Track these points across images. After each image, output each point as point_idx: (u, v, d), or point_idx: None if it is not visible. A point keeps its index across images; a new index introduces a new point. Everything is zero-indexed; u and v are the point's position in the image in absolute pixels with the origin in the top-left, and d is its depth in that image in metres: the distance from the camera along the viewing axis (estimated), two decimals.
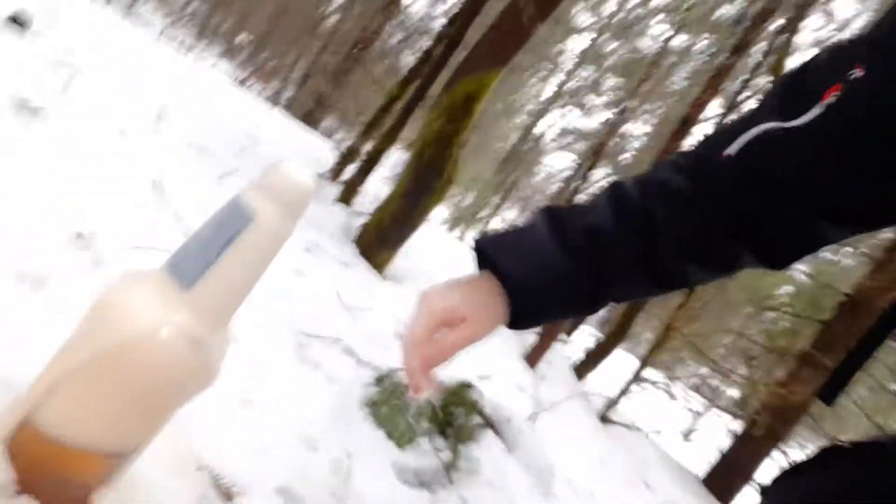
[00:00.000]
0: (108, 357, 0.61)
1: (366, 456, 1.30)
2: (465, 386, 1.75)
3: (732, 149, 0.68)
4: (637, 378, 4.26)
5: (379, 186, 4.38)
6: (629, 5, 12.06)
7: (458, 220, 8.18)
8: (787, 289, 7.95)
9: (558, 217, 0.69)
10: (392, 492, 1.28)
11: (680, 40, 10.67)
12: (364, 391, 1.55)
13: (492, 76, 2.59)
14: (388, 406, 1.56)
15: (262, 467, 1.03)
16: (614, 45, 12.68)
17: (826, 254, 7.60)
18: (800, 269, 7.16)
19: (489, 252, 0.70)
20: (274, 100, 10.87)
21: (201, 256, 0.62)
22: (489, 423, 1.80)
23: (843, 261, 8.03)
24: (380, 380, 1.62)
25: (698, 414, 9.94)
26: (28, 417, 0.65)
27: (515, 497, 1.60)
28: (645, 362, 4.34)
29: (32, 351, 0.80)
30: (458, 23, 3.07)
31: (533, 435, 1.89)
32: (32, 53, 1.73)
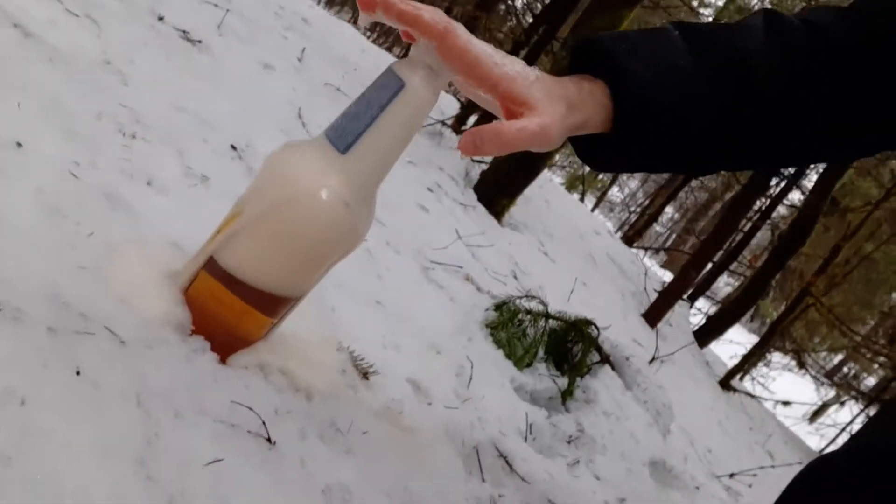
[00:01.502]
0: (275, 212, 0.68)
1: (486, 368, 1.35)
2: (586, 321, 1.75)
3: None
4: (765, 346, 4.02)
5: None
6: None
7: (576, 180, 8.02)
8: None
9: (693, 33, 0.62)
10: (510, 402, 1.32)
11: None
12: (484, 315, 1.60)
13: (624, 14, 2.49)
14: (507, 332, 1.59)
15: (393, 358, 1.10)
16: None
17: None
18: None
19: (604, 44, 0.61)
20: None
21: (356, 123, 0.67)
22: (607, 360, 1.79)
23: None
24: (498, 307, 1.66)
25: (828, 400, 9.25)
26: (202, 268, 0.74)
27: (634, 430, 1.59)
28: (774, 329, 4.09)
29: (200, 226, 0.90)
30: (555, 13, 2.97)
31: (653, 377, 1.86)
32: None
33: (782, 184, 4.57)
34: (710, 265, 4.59)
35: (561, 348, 1.70)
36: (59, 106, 0.97)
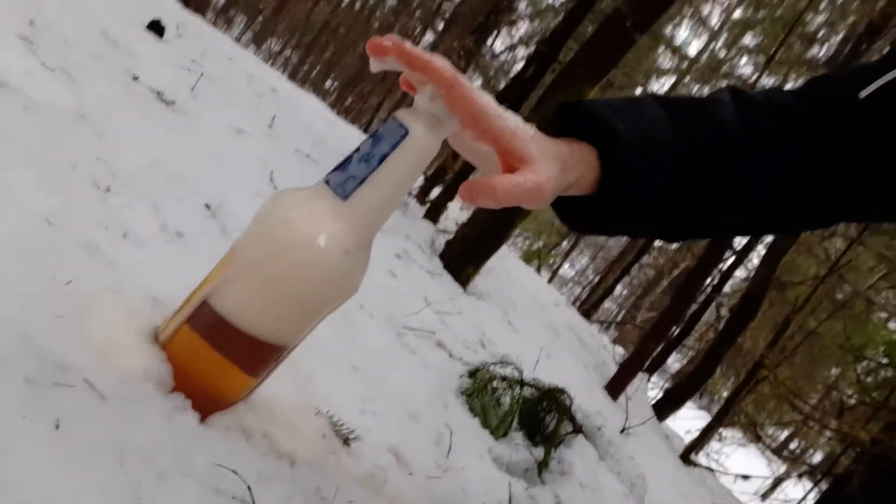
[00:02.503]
0: (273, 257, 0.66)
1: (464, 437, 1.30)
2: (559, 390, 1.73)
3: (866, 92, 0.66)
4: (722, 420, 4.05)
5: (457, 212, 4.46)
6: (717, 45, 11.84)
7: (532, 254, 8.17)
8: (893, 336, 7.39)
9: (670, 102, 0.65)
10: (490, 473, 1.27)
11: (768, 80, 10.33)
12: (458, 382, 1.56)
13: (587, 89, 2.62)
14: (481, 399, 1.56)
15: (372, 425, 1.05)
16: (696, 88, 12.43)
17: None
18: None
19: (590, 108, 0.63)
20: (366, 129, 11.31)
21: (358, 169, 0.66)
22: (580, 430, 1.76)
23: None
24: (472, 373, 1.62)
25: (781, 475, 9.30)
26: (184, 322, 0.70)
27: (610, 502, 1.55)
28: (732, 402, 4.13)
29: (178, 281, 0.86)
30: (556, 39, 3.13)
31: (625, 447, 1.83)
32: (166, 56, 1.90)
33: (731, 259, 4.77)
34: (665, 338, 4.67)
35: (534, 417, 1.67)
36: (34, 154, 0.94)
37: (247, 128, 2.04)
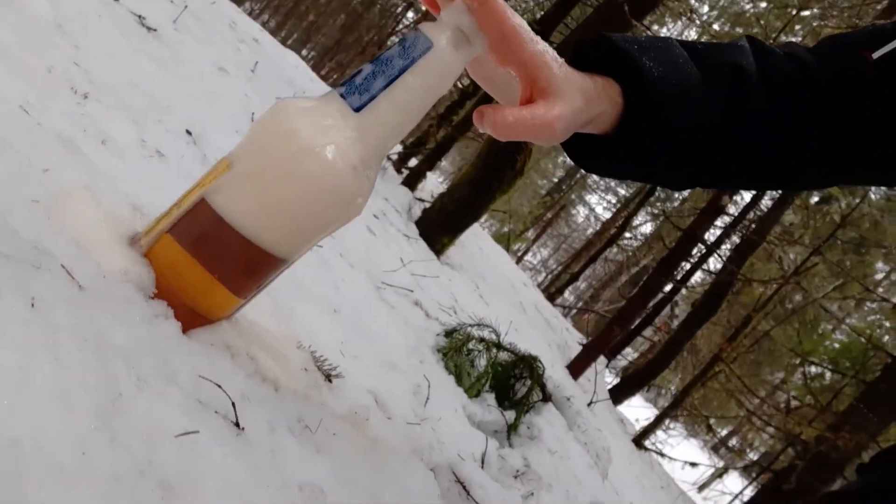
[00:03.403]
0: (276, 165, 0.61)
1: (440, 392, 1.28)
2: (532, 358, 1.71)
3: (879, 53, 0.65)
4: (676, 409, 4.14)
5: (435, 184, 4.41)
6: None
7: (502, 237, 8.19)
8: (834, 344, 7.69)
9: (692, 46, 0.63)
10: (465, 429, 1.24)
11: None
12: (435, 340, 1.53)
13: None
14: (456, 359, 1.53)
15: (352, 367, 1.01)
16: None
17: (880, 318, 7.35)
18: (849, 326, 6.93)
19: (616, 43, 0.61)
20: None
21: (374, 80, 0.61)
22: (549, 399, 1.75)
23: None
24: (449, 333, 1.60)
25: (725, 466, 9.62)
26: (166, 232, 0.65)
27: (576, 470, 1.55)
28: (687, 392, 4.22)
29: (158, 195, 0.81)
30: (546, 24, 3.10)
31: (592, 418, 1.83)
32: None
33: (699, 253, 4.85)
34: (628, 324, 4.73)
35: (506, 381, 1.65)
36: (8, 54, 0.86)
37: (229, 68, 1.96)
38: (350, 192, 0.63)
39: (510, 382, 1.67)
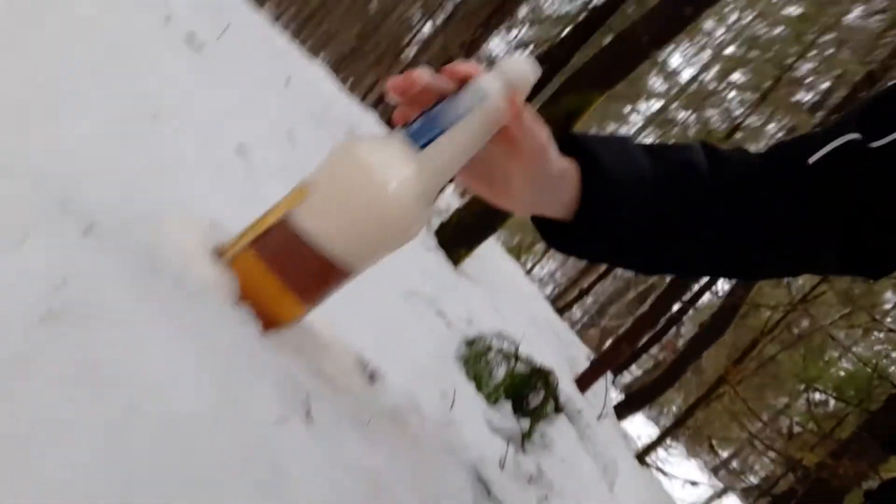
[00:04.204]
0: (348, 194, 0.69)
1: (462, 397, 1.36)
2: (547, 371, 1.80)
3: (815, 157, 0.72)
4: (679, 427, 4.19)
5: (451, 197, 4.51)
6: (707, 76, 11.99)
7: (515, 249, 8.26)
8: (840, 372, 7.70)
9: (647, 145, 0.71)
10: (485, 433, 1.33)
11: (754, 119, 10.47)
12: (457, 348, 1.62)
13: (595, 96, 2.69)
14: (477, 367, 1.62)
15: (390, 370, 1.10)
16: (684, 114, 12.59)
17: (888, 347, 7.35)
18: (855, 355, 6.94)
19: (578, 137, 0.69)
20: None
21: (437, 122, 0.70)
22: (562, 410, 1.84)
23: None
24: (470, 343, 1.68)
25: (722, 489, 9.62)
26: (249, 246, 0.74)
27: (585, 480, 1.63)
28: (692, 411, 4.28)
29: (227, 206, 0.90)
30: (568, 45, 3.20)
31: (601, 431, 1.91)
32: (194, 8, 1.91)
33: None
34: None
35: (521, 391, 1.74)
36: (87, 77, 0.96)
37: (266, 83, 2.06)
38: (411, 219, 0.72)
39: (525, 392, 1.75)
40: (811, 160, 0.69)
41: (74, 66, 0.95)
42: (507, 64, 0.71)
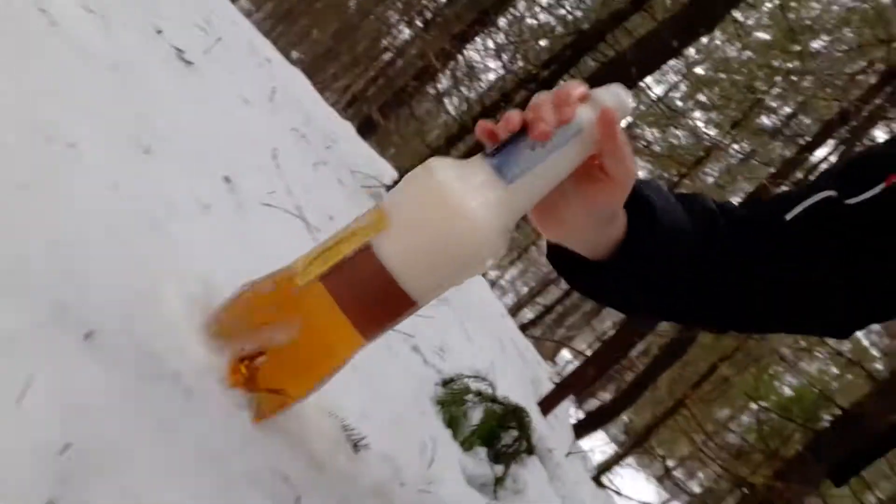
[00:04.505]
0: (433, 222, 0.66)
1: (441, 449, 1.34)
2: (521, 410, 1.79)
3: (793, 213, 0.73)
4: (640, 446, 4.26)
5: None
6: (677, 95, 12.14)
7: None
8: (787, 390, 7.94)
9: (676, 192, 0.74)
10: (461, 487, 1.31)
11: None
12: (433, 390, 1.60)
13: None
14: (452, 410, 1.60)
15: (370, 429, 1.07)
16: (649, 132, 12.69)
17: (832, 368, 7.63)
18: (805, 373, 7.16)
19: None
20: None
21: (529, 156, 0.67)
22: (534, 451, 1.83)
23: (849, 377, 8.03)
24: (446, 383, 1.66)
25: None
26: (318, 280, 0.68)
27: None
28: (651, 432, 4.34)
29: (219, 255, 0.86)
30: (554, 67, 3.21)
31: (570, 471, 1.92)
32: (183, 18, 1.85)
33: None
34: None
35: (495, 434, 1.72)
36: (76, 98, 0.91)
37: (251, 98, 2.01)
38: (491, 253, 0.69)
39: (498, 433, 1.74)
40: (788, 216, 0.71)
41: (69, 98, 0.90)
42: (603, 93, 0.68)
